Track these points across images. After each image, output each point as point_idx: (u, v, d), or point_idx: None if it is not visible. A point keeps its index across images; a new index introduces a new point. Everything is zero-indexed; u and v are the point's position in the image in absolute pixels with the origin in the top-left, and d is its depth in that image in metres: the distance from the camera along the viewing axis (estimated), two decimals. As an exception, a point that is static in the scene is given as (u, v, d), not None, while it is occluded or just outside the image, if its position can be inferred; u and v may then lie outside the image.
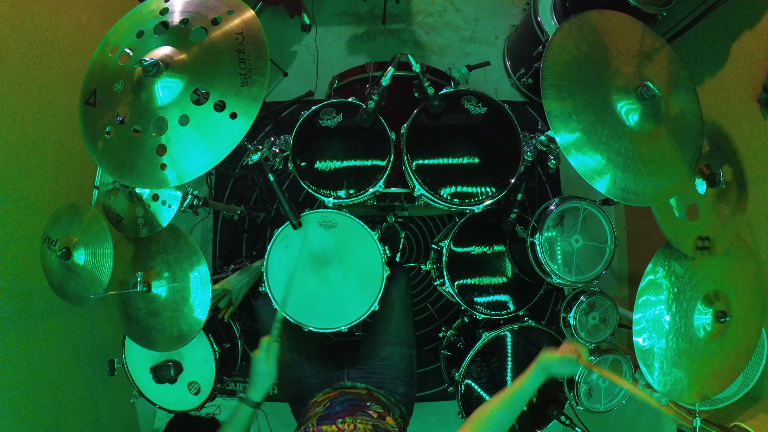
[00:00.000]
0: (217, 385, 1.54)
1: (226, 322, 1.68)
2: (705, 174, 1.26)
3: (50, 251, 1.35)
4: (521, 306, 1.60)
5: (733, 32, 1.71)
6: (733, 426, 1.48)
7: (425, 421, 2.28)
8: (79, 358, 1.81)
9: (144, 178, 1.12)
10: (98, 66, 1.19)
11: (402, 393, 1.37)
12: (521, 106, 2.45)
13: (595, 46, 1.14)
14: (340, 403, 1.20)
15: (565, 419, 1.54)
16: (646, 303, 1.29)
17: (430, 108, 1.36)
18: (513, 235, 1.61)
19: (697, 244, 1.26)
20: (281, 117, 2.43)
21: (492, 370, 1.62)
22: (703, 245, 1.26)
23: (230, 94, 1.09)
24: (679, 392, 1.30)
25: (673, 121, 1.17)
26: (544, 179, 2.42)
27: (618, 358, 1.56)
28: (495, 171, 1.38)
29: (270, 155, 1.40)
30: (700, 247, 1.26)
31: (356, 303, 1.39)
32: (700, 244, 1.26)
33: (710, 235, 1.27)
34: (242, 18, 1.14)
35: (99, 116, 1.16)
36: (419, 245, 2.39)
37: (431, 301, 2.35)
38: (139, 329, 1.40)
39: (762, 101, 1.56)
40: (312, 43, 2.55)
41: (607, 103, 1.12)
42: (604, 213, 1.50)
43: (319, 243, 1.41)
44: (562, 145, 1.08)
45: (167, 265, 1.38)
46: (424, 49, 2.58)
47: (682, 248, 1.25)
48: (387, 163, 1.36)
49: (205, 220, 2.39)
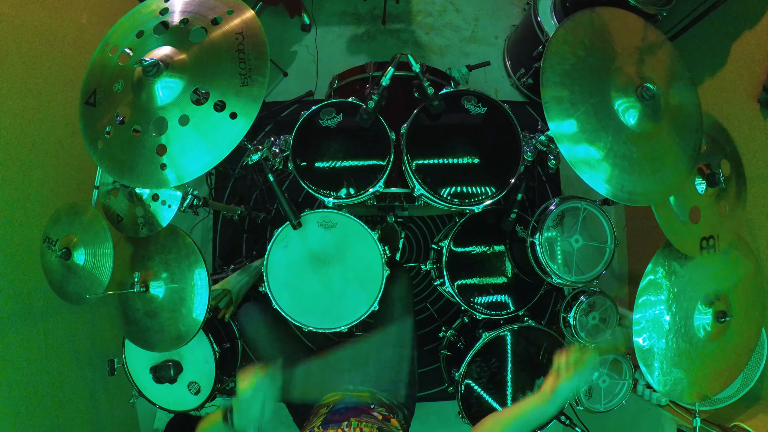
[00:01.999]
0: (217, 385, 1.54)
1: (226, 322, 1.68)
2: (705, 174, 1.26)
3: (50, 251, 1.35)
4: (521, 306, 1.60)
5: (733, 32, 1.71)
6: (733, 426, 1.48)
7: (425, 421, 2.28)
8: (79, 358, 1.81)
9: (144, 178, 1.12)
10: (98, 66, 1.19)
11: (404, 395, 1.37)
12: (521, 106, 2.45)
13: (592, 48, 1.13)
14: (345, 406, 1.20)
15: (565, 419, 1.54)
16: (646, 303, 1.28)
17: (430, 108, 1.36)
18: (513, 235, 1.61)
19: (702, 245, 1.26)
20: (281, 117, 2.43)
21: (492, 370, 1.62)
22: (708, 245, 1.26)
23: (230, 94, 1.09)
24: (679, 392, 1.30)
25: (673, 117, 1.17)
26: (544, 179, 2.42)
27: (618, 358, 1.56)
28: (495, 171, 1.38)
29: (270, 155, 1.40)
30: (704, 247, 1.26)
31: (356, 303, 1.39)
32: (704, 245, 1.26)
33: (714, 233, 1.27)
34: (242, 18, 1.14)
35: (99, 116, 1.16)
36: (419, 245, 2.39)
37: (431, 301, 2.35)
38: (138, 330, 1.40)
39: (762, 101, 1.56)
40: (312, 43, 2.55)
41: (609, 107, 1.12)
42: (604, 213, 1.50)
43: (319, 243, 1.41)
44: (570, 160, 1.08)
45: (165, 265, 1.38)
46: (424, 49, 2.58)
47: (688, 252, 1.25)
48: (387, 163, 1.36)
49: (205, 220, 2.39)
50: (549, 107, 1.08)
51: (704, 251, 1.26)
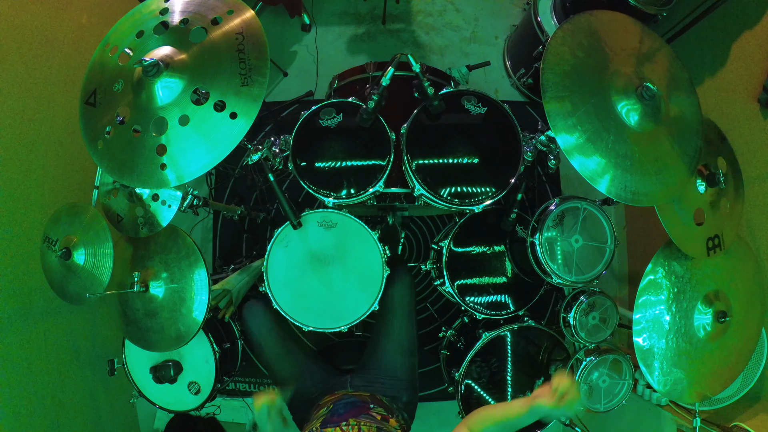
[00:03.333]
0: (217, 385, 1.54)
1: (226, 321, 1.68)
2: (704, 175, 1.26)
3: (50, 251, 1.35)
4: (521, 306, 1.60)
5: (733, 32, 1.71)
6: (733, 426, 1.48)
7: (425, 421, 2.28)
8: (79, 358, 1.81)
9: (144, 178, 1.12)
10: (98, 66, 1.19)
11: (405, 401, 1.37)
12: (521, 106, 2.45)
13: (591, 50, 1.13)
14: (344, 406, 1.20)
15: (565, 419, 1.53)
16: (646, 303, 1.29)
17: (430, 108, 1.36)
18: (513, 235, 1.61)
19: (708, 245, 1.26)
20: (281, 117, 2.43)
21: (492, 370, 1.62)
22: (714, 244, 1.26)
23: (230, 94, 1.09)
24: (679, 392, 1.30)
25: (673, 118, 1.17)
26: (544, 179, 2.42)
27: (618, 358, 1.56)
28: (495, 171, 1.38)
29: (270, 155, 1.40)
30: (711, 247, 1.26)
31: (356, 303, 1.39)
32: (710, 244, 1.26)
33: (718, 232, 1.27)
34: (242, 18, 1.14)
35: (99, 116, 1.16)
36: (419, 245, 2.39)
37: (431, 301, 2.35)
38: (138, 330, 1.40)
39: (762, 101, 1.56)
40: (312, 43, 2.55)
41: (609, 108, 1.11)
42: (604, 213, 1.50)
43: (319, 243, 1.41)
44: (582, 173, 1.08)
45: (165, 265, 1.38)
46: (424, 49, 2.58)
47: (696, 255, 1.25)
48: (387, 163, 1.36)
49: (205, 220, 2.39)
50: (550, 111, 1.08)
51: (710, 251, 1.26)
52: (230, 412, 2.22)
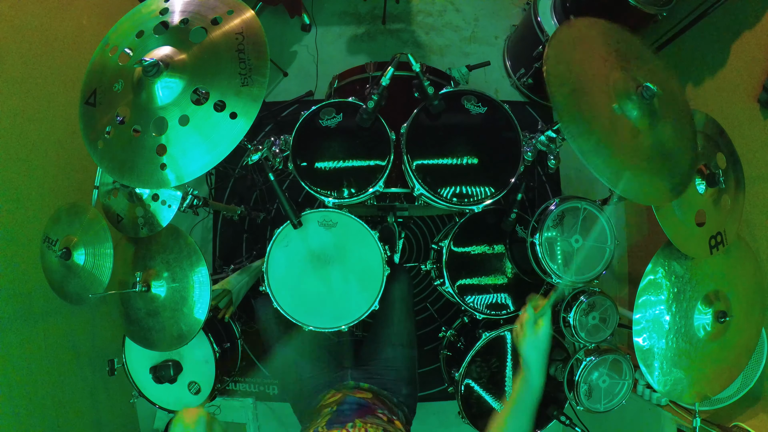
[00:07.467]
0: (217, 385, 1.54)
1: (226, 322, 1.68)
2: (704, 174, 1.26)
3: (50, 251, 1.35)
4: (521, 306, 1.57)
5: (733, 32, 1.71)
6: (733, 426, 1.48)
7: (425, 421, 2.28)
8: (79, 358, 1.81)
9: (144, 178, 1.12)
10: (98, 66, 1.19)
11: (405, 394, 1.38)
12: (521, 106, 2.45)
13: (584, 62, 1.12)
14: (350, 406, 1.20)
15: (565, 419, 1.53)
16: (646, 303, 1.28)
17: (430, 108, 1.36)
18: (513, 235, 1.61)
19: (711, 243, 1.26)
20: (281, 117, 2.43)
21: (492, 370, 1.62)
22: (716, 242, 1.26)
23: (230, 94, 1.09)
24: (679, 392, 1.30)
25: (670, 116, 1.17)
26: (544, 179, 2.42)
27: (618, 358, 1.56)
28: (495, 171, 1.38)
29: (270, 155, 1.40)
30: (713, 245, 1.26)
31: (356, 302, 1.39)
32: (713, 243, 1.26)
33: (720, 229, 1.27)
34: (242, 18, 1.14)
35: (99, 116, 1.16)
36: (419, 245, 2.39)
37: (431, 301, 2.35)
38: (139, 329, 1.40)
39: (762, 101, 1.56)
40: (312, 43, 2.55)
41: (610, 107, 1.11)
42: (604, 213, 1.50)
43: (319, 242, 1.41)
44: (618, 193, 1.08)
45: (167, 265, 1.38)
46: (424, 49, 2.58)
47: (700, 255, 1.25)
48: (387, 163, 1.36)
49: (205, 220, 2.39)
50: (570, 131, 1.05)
51: (713, 249, 1.26)
52: (230, 412, 2.22)
